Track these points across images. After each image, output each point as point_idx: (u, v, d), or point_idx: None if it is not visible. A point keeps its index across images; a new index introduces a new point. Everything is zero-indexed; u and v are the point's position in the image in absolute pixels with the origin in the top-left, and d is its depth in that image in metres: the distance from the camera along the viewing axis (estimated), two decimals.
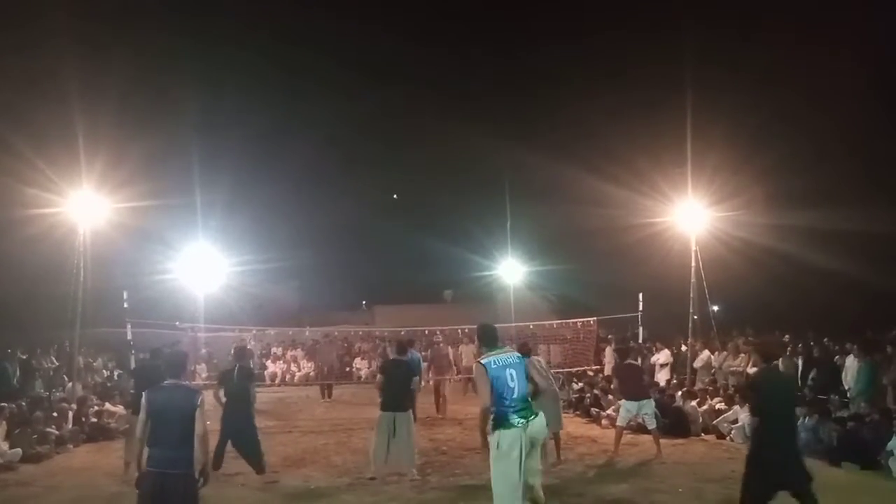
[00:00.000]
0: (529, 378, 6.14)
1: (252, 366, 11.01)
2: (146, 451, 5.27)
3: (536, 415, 5.80)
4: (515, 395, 5.69)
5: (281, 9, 29.51)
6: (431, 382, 15.56)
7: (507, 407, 5.63)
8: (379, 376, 9.28)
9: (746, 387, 6.76)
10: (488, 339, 6.04)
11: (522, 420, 5.63)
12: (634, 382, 10.73)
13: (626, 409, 10.46)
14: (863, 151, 20.04)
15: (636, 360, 15.62)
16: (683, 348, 16.40)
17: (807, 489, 6.04)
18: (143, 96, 22.28)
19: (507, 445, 5.58)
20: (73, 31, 18.00)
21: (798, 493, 6.09)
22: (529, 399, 5.88)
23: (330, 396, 17.76)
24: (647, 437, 10.78)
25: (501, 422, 5.62)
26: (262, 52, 30.46)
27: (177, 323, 19.36)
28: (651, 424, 10.46)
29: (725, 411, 11.91)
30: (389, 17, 32.98)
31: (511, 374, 5.72)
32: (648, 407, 10.47)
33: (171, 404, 5.28)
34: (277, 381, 20.76)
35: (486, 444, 5.76)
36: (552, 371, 11.65)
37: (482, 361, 5.76)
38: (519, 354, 6.13)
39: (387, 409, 8.77)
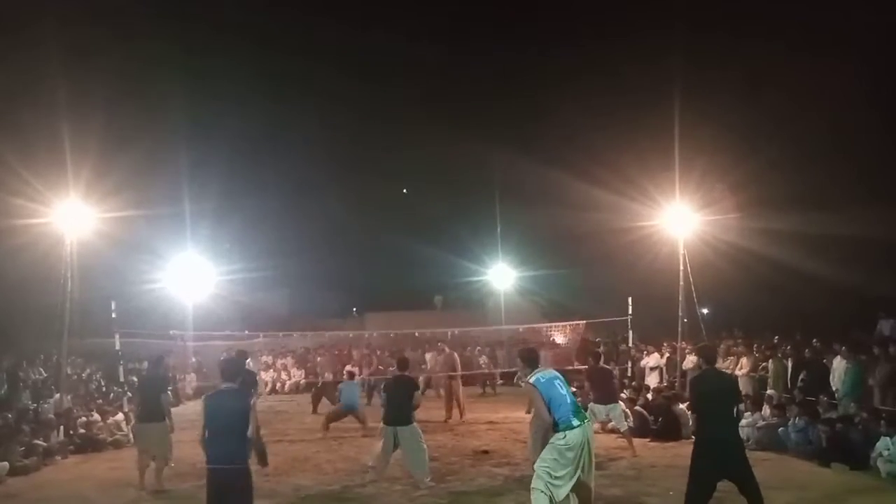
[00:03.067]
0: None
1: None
2: (207, 449, 5.77)
3: (589, 419, 6.43)
4: (569, 401, 6.30)
5: (269, 16, 29.53)
6: (441, 388, 16.01)
7: (566, 412, 6.21)
8: (383, 393, 9.84)
9: (689, 388, 7.30)
10: (531, 360, 6.70)
11: (580, 422, 6.23)
12: (605, 386, 10.98)
13: (592, 413, 10.61)
14: (849, 156, 20.18)
15: (626, 363, 15.78)
16: (667, 355, 16.44)
17: (750, 482, 6.39)
18: (131, 105, 22.24)
19: (569, 448, 6.15)
20: (60, 39, 17.93)
21: (741, 486, 6.43)
22: (579, 405, 6.48)
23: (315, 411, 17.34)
24: (637, 441, 10.83)
25: (566, 425, 6.19)
26: (251, 61, 30.46)
27: (171, 332, 19.26)
28: (622, 427, 10.77)
29: None
30: (376, 24, 33.01)
31: (559, 384, 6.36)
32: (616, 410, 10.78)
33: (225, 407, 5.76)
34: (268, 389, 20.69)
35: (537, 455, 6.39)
36: None
37: (531, 380, 6.36)
38: (558, 372, 6.69)
39: (388, 424, 8.98)
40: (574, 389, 10.29)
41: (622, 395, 12.92)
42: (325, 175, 34.30)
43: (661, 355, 16.62)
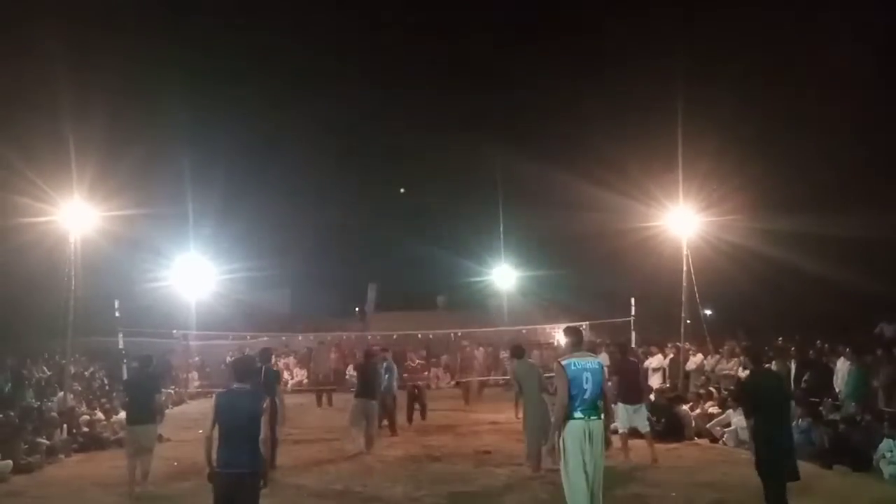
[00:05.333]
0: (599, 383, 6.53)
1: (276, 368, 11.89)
2: (216, 451, 5.50)
3: (599, 417, 6.37)
4: (586, 396, 6.27)
5: (271, 16, 29.56)
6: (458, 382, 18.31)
7: (575, 405, 6.26)
8: (353, 372, 12.54)
9: (739, 390, 7.01)
10: (574, 339, 6.74)
11: (583, 416, 6.24)
12: (632, 383, 10.71)
13: (623, 412, 10.37)
14: (854, 157, 20.14)
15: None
16: (670, 356, 16.39)
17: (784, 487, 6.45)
18: (134, 105, 22.24)
19: (570, 437, 6.22)
20: (63, 39, 17.96)
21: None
22: (599, 403, 6.42)
23: (331, 403, 17.69)
24: (641, 442, 10.75)
25: (569, 416, 6.26)
26: (253, 62, 30.50)
27: (174, 331, 19.29)
28: (644, 428, 10.45)
29: (718, 415, 11.95)
30: (377, 23, 33.03)
31: (587, 377, 6.29)
32: (641, 411, 10.51)
33: (238, 407, 5.53)
34: None
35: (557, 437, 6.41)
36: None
37: (563, 362, 6.39)
38: (600, 360, 6.70)
39: (358, 396, 11.56)
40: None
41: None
42: (328, 174, 34.34)
43: (664, 356, 16.58)
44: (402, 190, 36.45)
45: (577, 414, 6.24)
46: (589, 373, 6.31)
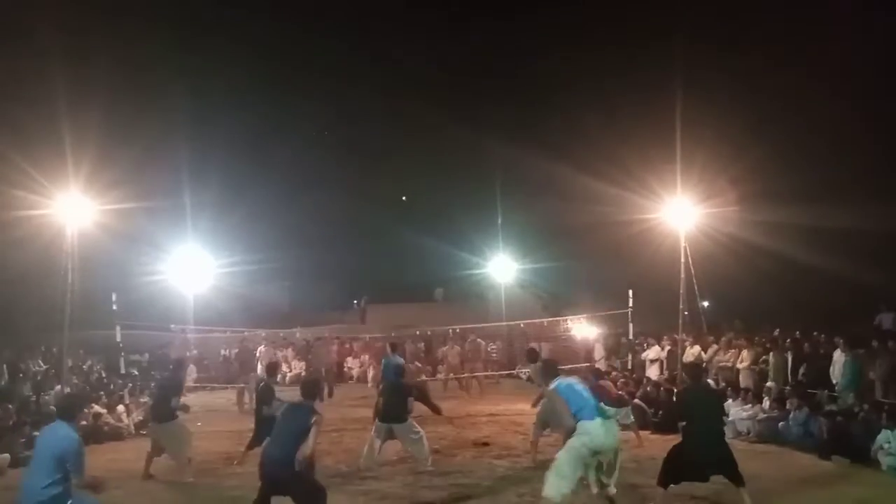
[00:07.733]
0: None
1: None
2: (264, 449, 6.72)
3: (610, 420, 6.71)
4: (592, 404, 6.57)
5: (269, 8, 29.44)
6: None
7: (587, 408, 6.52)
8: (379, 398, 10.23)
9: (675, 400, 8.35)
10: (551, 372, 7.08)
11: (599, 418, 6.50)
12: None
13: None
14: (852, 148, 20.11)
15: (627, 356, 15.70)
16: (668, 348, 16.41)
17: (734, 474, 6.88)
18: (131, 97, 22.18)
19: (585, 432, 6.40)
20: (60, 31, 17.89)
21: (728, 476, 6.93)
22: (605, 406, 6.88)
23: (331, 395, 17.66)
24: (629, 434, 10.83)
25: (583, 417, 6.48)
26: (252, 53, 30.40)
27: (171, 326, 19.26)
28: (627, 420, 11.03)
29: None
30: (376, 15, 32.91)
31: (579, 388, 6.68)
32: (625, 411, 11.07)
33: (292, 418, 6.57)
34: None
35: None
36: None
37: (552, 387, 6.71)
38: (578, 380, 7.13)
39: (383, 420, 9.33)
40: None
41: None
42: (326, 167, 34.33)
43: (662, 348, 16.62)
44: (403, 198, 36.58)
45: (593, 414, 6.50)
46: (576, 384, 6.71)
